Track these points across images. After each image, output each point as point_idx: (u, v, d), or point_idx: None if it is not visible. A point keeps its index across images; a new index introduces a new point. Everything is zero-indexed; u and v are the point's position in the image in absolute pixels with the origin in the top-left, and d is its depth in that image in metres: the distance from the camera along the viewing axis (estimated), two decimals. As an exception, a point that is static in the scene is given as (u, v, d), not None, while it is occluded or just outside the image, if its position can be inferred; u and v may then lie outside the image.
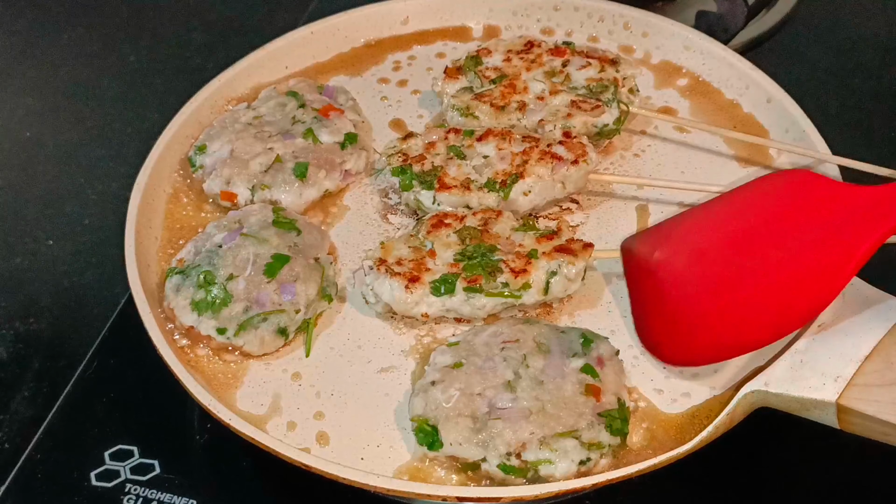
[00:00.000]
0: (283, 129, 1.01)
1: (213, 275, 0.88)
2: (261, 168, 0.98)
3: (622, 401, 0.82)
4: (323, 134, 1.01)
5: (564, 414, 0.80)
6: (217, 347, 0.88)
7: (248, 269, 0.88)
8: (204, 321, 0.87)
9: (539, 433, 0.79)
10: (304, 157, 0.99)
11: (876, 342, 0.78)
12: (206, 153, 1.00)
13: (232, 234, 0.91)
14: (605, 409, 0.80)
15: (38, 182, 1.22)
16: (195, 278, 0.88)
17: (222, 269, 0.88)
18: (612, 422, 0.80)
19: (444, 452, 0.80)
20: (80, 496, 0.88)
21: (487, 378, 0.82)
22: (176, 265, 0.91)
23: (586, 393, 0.81)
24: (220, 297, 0.86)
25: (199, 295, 0.87)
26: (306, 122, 1.02)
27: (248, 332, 0.86)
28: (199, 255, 0.90)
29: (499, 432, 0.79)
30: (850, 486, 0.89)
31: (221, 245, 0.90)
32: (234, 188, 0.97)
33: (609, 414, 0.80)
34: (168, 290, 0.90)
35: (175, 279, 0.90)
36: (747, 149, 1.05)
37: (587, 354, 0.84)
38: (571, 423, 0.79)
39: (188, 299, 0.88)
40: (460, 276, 0.88)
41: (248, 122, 1.02)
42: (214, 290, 0.87)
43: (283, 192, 0.97)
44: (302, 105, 1.04)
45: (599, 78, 1.04)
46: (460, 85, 1.06)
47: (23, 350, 1.04)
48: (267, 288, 0.87)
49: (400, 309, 0.88)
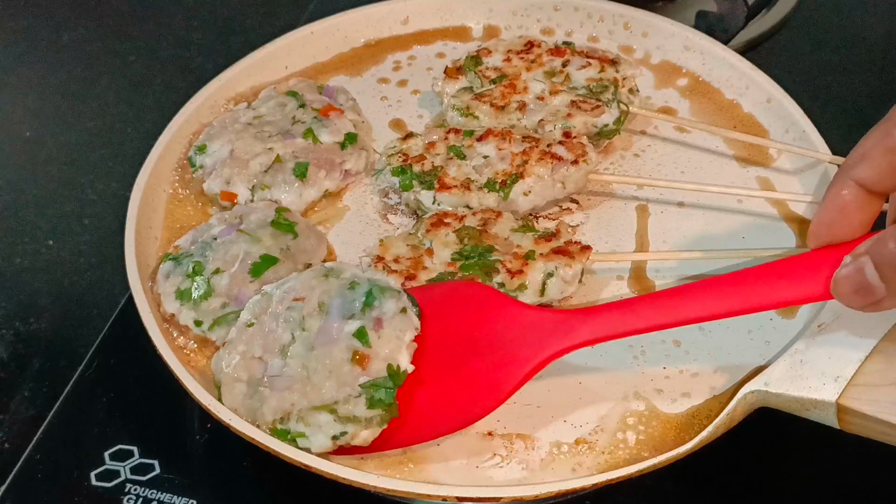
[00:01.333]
0: (284, 129, 1.01)
1: (202, 266, 0.88)
2: (261, 168, 0.98)
3: (394, 367, 0.78)
4: (323, 134, 1.01)
5: (328, 384, 0.77)
6: (195, 339, 0.88)
7: (235, 266, 0.88)
8: (184, 311, 0.87)
9: (299, 405, 0.77)
10: (304, 157, 0.99)
11: (876, 342, 0.78)
12: (206, 153, 1.00)
13: (229, 229, 0.91)
14: (370, 380, 0.77)
15: (38, 182, 1.22)
16: (185, 267, 0.89)
17: (212, 261, 0.89)
18: (374, 392, 0.77)
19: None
20: (80, 496, 0.88)
21: (268, 341, 0.80)
22: (172, 251, 0.92)
23: (353, 361, 0.78)
24: (203, 290, 0.87)
25: (185, 284, 0.88)
26: (306, 122, 1.02)
27: (222, 327, 0.87)
28: (194, 245, 0.91)
29: (265, 400, 0.78)
30: (850, 486, 0.89)
31: (217, 238, 0.91)
32: (234, 188, 0.97)
33: (373, 384, 0.77)
34: (160, 274, 0.90)
35: (167, 265, 0.91)
36: (747, 149, 1.05)
37: (365, 315, 0.80)
38: (331, 395, 0.77)
39: (174, 287, 0.88)
40: (457, 275, 0.88)
41: (248, 122, 1.02)
42: (199, 281, 0.87)
43: (284, 192, 0.97)
44: (302, 105, 1.04)
45: (599, 78, 1.04)
46: (460, 85, 1.06)
47: (23, 350, 1.04)
48: (249, 287, 0.87)
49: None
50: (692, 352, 0.89)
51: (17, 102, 1.32)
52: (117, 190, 1.17)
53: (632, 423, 0.84)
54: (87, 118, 1.30)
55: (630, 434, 0.83)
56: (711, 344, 0.89)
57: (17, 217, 1.18)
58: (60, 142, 1.27)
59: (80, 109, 1.31)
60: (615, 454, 0.82)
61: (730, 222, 0.98)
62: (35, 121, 1.30)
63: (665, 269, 0.95)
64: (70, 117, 1.30)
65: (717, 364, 0.88)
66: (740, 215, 0.99)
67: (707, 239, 0.97)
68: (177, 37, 1.41)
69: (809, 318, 0.89)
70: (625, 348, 0.89)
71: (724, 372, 0.87)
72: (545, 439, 0.83)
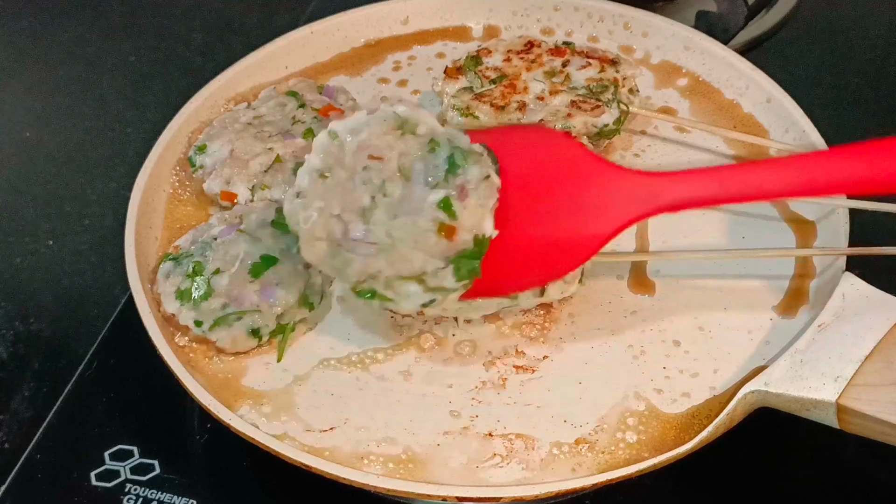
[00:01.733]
0: (284, 129, 1.01)
1: (202, 266, 0.88)
2: (261, 168, 0.98)
3: (479, 237, 0.76)
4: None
5: (415, 255, 0.75)
6: (196, 339, 0.88)
7: (235, 266, 0.88)
8: (184, 311, 0.87)
9: (386, 272, 0.76)
10: (304, 158, 0.99)
11: (876, 342, 0.78)
12: (206, 153, 1.00)
13: (229, 229, 0.91)
14: (457, 251, 0.75)
15: (38, 182, 1.22)
16: (185, 267, 0.89)
17: (212, 261, 0.89)
18: (461, 265, 0.75)
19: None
20: (80, 496, 0.88)
21: (347, 200, 0.77)
22: (171, 251, 0.92)
23: (439, 233, 0.75)
24: (203, 290, 0.87)
25: (185, 284, 0.88)
26: (306, 122, 1.02)
27: (222, 328, 0.87)
28: (194, 245, 0.91)
29: (349, 263, 0.77)
30: (850, 486, 0.89)
31: (217, 238, 0.91)
32: (235, 188, 0.97)
33: (461, 256, 0.75)
34: (160, 274, 0.91)
35: (167, 265, 0.91)
36: (747, 149, 1.05)
37: (448, 183, 0.77)
38: (419, 266, 0.75)
39: (175, 287, 0.88)
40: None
41: (248, 122, 1.02)
42: (199, 281, 0.87)
43: (284, 192, 0.97)
44: (302, 105, 1.04)
45: (599, 78, 1.04)
46: (460, 85, 1.06)
47: (23, 350, 1.04)
48: (249, 287, 0.87)
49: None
50: (692, 352, 0.89)
51: (17, 102, 1.32)
52: (117, 190, 1.17)
53: (632, 424, 0.84)
54: (87, 118, 1.30)
55: (630, 434, 0.83)
56: (711, 344, 0.89)
57: (17, 217, 1.18)
58: (60, 142, 1.27)
59: (80, 109, 1.31)
60: (615, 454, 0.82)
61: (730, 222, 0.98)
62: (35, 121, 1.30)
63: (665, 270, 0.95)
64: (70, 117, 1.30)
65: (717, 364, 0.88)
66: (740, 215, 0.99)
67: (707, 239, 0.97)
68: (177, 37, 1.41)
69: (809, 318, 0.89)
70: (625, 348, 0.89)
71: (724, 372, 0.87)
72: (545, 439, 0.83)
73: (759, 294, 0.92)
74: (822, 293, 0.90)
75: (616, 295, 0.92)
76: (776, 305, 0.92)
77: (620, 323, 0.91)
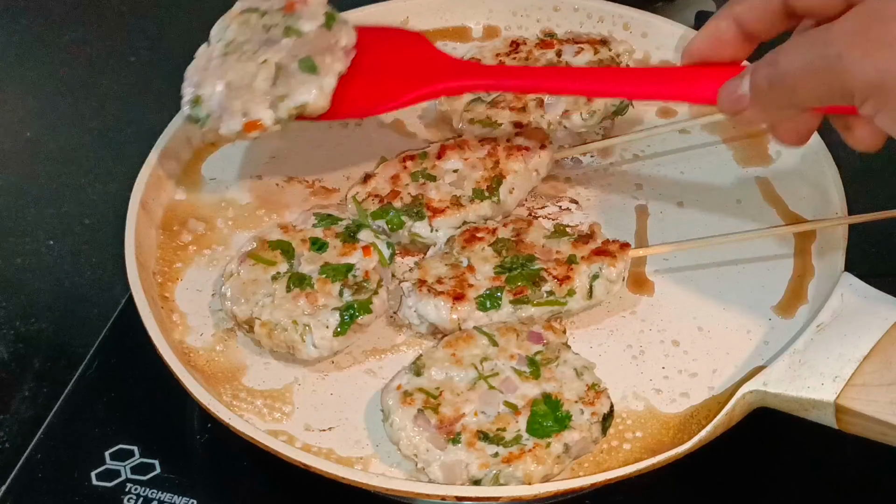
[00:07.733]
0: (262, 41, 0.95)
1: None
2: (267, 83, 0.92)
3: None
4: (302, 25, 0.95)
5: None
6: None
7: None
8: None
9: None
10: (301, 53, 0.93)
11: (874, 342, 0.78)
12: (203, 102, 0.93)
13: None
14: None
15: (38, 182, 1.22)
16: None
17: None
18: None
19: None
20: (81, 496, 0.88)
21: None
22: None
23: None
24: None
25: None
26: (278, 23, 0.96)
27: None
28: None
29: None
30: (849, 486, 0.89)
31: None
32: (255, 115, 0.91)
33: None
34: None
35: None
36: (747, 149, 1.05)
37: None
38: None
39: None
40: (505, 289, 0.88)
41: (224, 53, 0.96)
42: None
43: (303, 93, 0.91)
44: (263, 13, 0.97)
45: (599, 59, 1.05)
46: (466, 99, 1.04)
47: (23, 350, 1.04)
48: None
49: (446, 328, 0.88)
50: (691, 352, 0.89)
51: (17, 102, 1.33)
52: (117, 190, 1.16)
53: (630, 424, 0.84)
54: (87, 118, 1.30)
55: (629, 434, 0.83)
56: (710, 344, 0.89)
57: (17, 217, 1.18)
58: (60, 142, 1.27)
59: (80, 109, 1.31)
60: (614, 454, 0.82)
61: (729, 222, 0.98)
62: (35, 121, 1.30)
63: (665, 270, 0.95)
64: (70, 117, 1.30)
65: (716, 364, 0.88)
66: (740, 215, 0.99)
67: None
68: (177, 37, 1.41)
69: (808, 318, 0.89)
70: (624, 348, 0.89)
71: (723, 372, 0.87)
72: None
73: (758, 294, 0.93)
74: (820, 293, 0.90)
75: (616, 294, 0.92)
76: (775, 306, 0.92)
77: (619, 323, 0.91)
